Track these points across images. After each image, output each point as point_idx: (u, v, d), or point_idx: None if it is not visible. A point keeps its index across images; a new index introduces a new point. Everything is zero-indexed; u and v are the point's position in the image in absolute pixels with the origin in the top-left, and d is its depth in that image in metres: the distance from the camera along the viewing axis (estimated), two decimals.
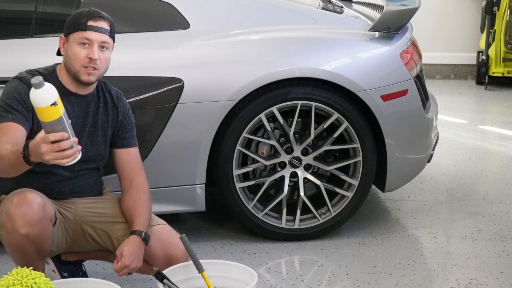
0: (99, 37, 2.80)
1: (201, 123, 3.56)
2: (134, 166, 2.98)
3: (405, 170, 3.92)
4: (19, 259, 2.77)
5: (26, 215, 2.65)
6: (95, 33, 2.79)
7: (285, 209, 3.75)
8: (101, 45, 2.81)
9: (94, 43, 2.79)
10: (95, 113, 2.92)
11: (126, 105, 3.03)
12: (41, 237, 2.70)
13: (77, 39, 2.80)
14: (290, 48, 3.70)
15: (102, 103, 2.95)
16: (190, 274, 2.70)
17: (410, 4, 3.86)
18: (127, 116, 3.01)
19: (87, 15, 2.81)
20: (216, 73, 3.59)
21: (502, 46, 7.14)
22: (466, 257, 3.65)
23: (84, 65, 2.80)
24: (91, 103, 2.91)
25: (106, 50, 2.83)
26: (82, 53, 2.79)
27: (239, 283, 2.68)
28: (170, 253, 2.84)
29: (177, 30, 3.67)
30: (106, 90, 2.98)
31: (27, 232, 2.66)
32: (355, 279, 3.43)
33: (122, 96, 3.03)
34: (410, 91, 3.78)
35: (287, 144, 3.74)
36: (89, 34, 2.79)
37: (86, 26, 2.79)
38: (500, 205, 4.31)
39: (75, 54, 2.80)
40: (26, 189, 2.75)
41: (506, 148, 5.42)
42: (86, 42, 2.79)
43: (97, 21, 2.81)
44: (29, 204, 2.66)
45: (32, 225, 2.66)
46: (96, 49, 2.79)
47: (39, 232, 2.68)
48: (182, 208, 3.70)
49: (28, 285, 2.31)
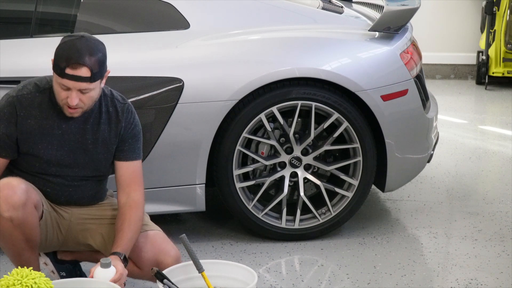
0: (77, 85, 2.66)
1: (201, 123, 3.56)
2: (132, 181, 2.89)
3: (405, 170, 3.92)
4: (9, 249, 2.77)
5: (8, 198, 2.66)
6: (72, 81, 2.65)
7: (285, 209, 3.75)
8: (82, 91, 2.69)
9: (72, 90, 2.68)
10: (95, 129, 2.85)
11: (131, 119, 2.91)
12: (26, 222, 2.70)
13: (57, 81, 2.69)
14: (290, 48, 3.70)
15: (104, 119, 2.86)
16: (190, 274, 2.70)
17: (410, 4, 3.86)
18: (130, 129, 2.90)
19: (66, 60, 2.64)
20: (216, 73, 3.59)
21: (502, 46, 7.13)
22: (466, 257, 3.65)
23: (65, 104, 2.72)
24: (89, 120, 2.83)
25: (89, 92, 2.70)
26: (62, 94, 2.70)
27: (239, 283, 2.68)
28: (161, 260, 2.82)
29: (177, 30, 3.67)
30: (111, 103, 2.87)
31: (11, 216, 2.66)
32: (355, 279, 3.43)
33: (128, 108, 2.91)
34: (410, 91, 3.78)
35: (287, 144, 3.74)
36: (66, 82, 2.66)
37: (64, 74, 2.64)
38: (500, 205, 4.31)
39: (57, 93, 2.72)
40: (12, 176, 2.76)
41: (506, 148, 5.42)
42: (64, 88, 2.68)
43: (76, 68, 2.63)
44: (12, 188, 2.68)
45: (16, 208, 2.66)
46: (74, 95, 2.67)
47: (23, 216, 2.68)
48: (182, 208, 3.70)
49: (28, 285, 2.31)
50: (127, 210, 2.84)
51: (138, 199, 2.88)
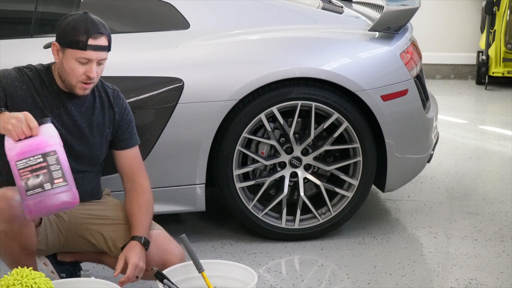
0: (98, 55, 2.74)
1: (201, 123, 3.56)
2: (134, 167, 2.97)
3: (405, 170, 3.92)
4: (5, 257, 2.77)
5: (3, 212, 2.64)
6: (94, 52, 2.72)
7: (285, 209, 3.75)
8: (99, 62, 2.76)
9: (93, 62, 2.74)
10: (90, 113, 2.89)
11: (123, 104, 2.97)
12: (22, 234, 2.68)
13: (75, 56, 2.72)
14: (290, 48, 3.70)
15: (98, 103, 2.91)
16: (190, 274, 2.70)
17: (410, 4, 3.86)
18: (125, 115, 2.97)
19: (86, 32, 2.70)
20: (216, 73, 3.59)
21: (502, 46, 7.13)
22: (466, 257, 3.65)
23: (81, 81, 2.75)
24: (84, 103, 2.88)
25: (102, 65, 2.79)
26: (80, 69, 2.73)
27: (239, 283, 2.68)
28: (166, 259, 2.83)
29: (177, 30, 3.68)
30: (103, 89, 2.94)
31: (5, 229, 2.65)
32: (355, 279, 3.43)
33: (119, 94, 2.97)
34: (410, 91, 3.78)
35: (287, 144, 3.74)
36: (89, 54, 2.71)
37: (87, 46, 2.70)
38: (500, 205, 4.31)
39: (72, 70, 2.74)
40: (9, 187, 2.72)
41: (506, 148, 5.42)
42: (85, 61, 2.73)
43: (97, 38, 2.72)
44: (6, 201, 2.65)
45: (10, 222, 2.64)
46: (94, 67, 2.74)
47: (19, 229, 2.67)
48: (182, 208, 3.70)
49: (28, 285, 2.31)
50: (135, 195, 2.90)
51: (143, 183, 2.94)
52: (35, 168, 2.52)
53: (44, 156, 2.53)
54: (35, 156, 2.52)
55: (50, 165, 2.53)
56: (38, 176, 2.52)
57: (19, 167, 2.52)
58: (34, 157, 2.52)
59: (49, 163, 2.53)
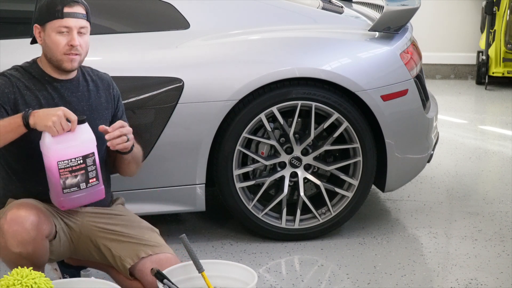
0: (77, 23, 2.75)
1: (201, 123, 3.56)
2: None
3: (405, 170, 3.92)
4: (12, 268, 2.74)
5: (17, 235, 2.61)
6: (73, 19, 2.74)
7: (285, 209, 3.75)
8: (80, 31, 2.77)
9: (73, 30, 2.74)
10: (87, 96, 2.87)
11: (117, 89, 2.99)
12: (35, 254, 2.66)
13: (55, 28, 2.75)
14: (290, 48, 3.70)
15: (92, 86, 2.90)
16: (190, 274, 2.69)
17: (410, 4, 3.86)
18: (119, 99, 2.98)
19: (61, 2, 2.74)
20: (216, 73, 3.59)
21: (502, 46, 7.14)
22: (466, 257, 3.65)
23: (65, 52, 2.76)
24: (79, 87, 2.87)
25: (84, 34, 2.79)
26: (62, 41, 2.75)
27: (239, 283, 2.68)
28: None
29: (177, 30, 3.68)
30: (94, 74, 2.94)
31: (20, 251, 2.62)
32: (355, 279, 3.43)
33: (110, 77, 2.99)
34: (410, 91, 3.78)
35: (287, 144, 3.74)
36: (67, 22, 2.73)
37: (63, 14, 2.73)
38: (500, 205, 4.31)
39: (55, 43, 2.76)
40: (23, 202, 2.69)
41: (506, 148, 5.42)
42: (65, 30, 2.74)
43: (73, 6, 2.75)
44: (21, 223, 2.61)
45: (25, 244, 2.62)
46: (75, 35, 2.75)
47: (33, 250, 2.64)
48: (182, 208, 3.70)
49: (28, 285, 2.31)
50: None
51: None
52: (75, 169, 2.65)
53: (84, 158, 2.66)
54: (77, 158, 2.65)
55: (88, 166, 2.67)
56: (76, 176, 2.66)
57: (60, 167, 2.63)
58: (75, 159, 2.65)
59: (87, 164, 2.67)
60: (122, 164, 2.93)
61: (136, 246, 2.81)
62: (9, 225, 2.62)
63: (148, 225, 2.92)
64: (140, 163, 2.98)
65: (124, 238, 2.84)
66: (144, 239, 2.83)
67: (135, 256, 2.78)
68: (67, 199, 2.67)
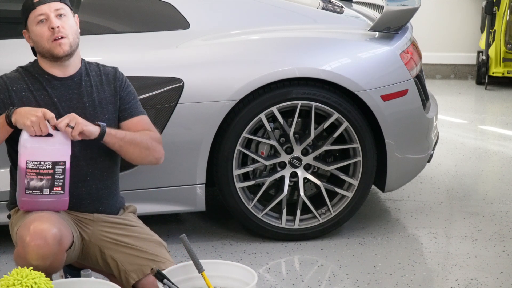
0: (50, 7, 2.76)
1: (201, 123, 3.56)
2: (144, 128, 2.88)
3: (405, 170, 3.92)
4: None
5: (40, 250, 2.58)
6: (44, 5, 2.76)
7: (285, 209, 3.75)
8: (57, 14, 2.77)
9: (49, 14, 2.75)
10: (89, 92, 2.85)
11: (123, 78, 2.94)
12: (52, 267, 2.64)
13: (33, 20, 2.77)
14: (290, 48, 3.70)
15: (96, 81, 2.88)
16: (190, 274, 2.69)
17: (410, 4, 3.86)
18: (125, 87, 2.93)
19: None
20: (216, 73, 3.59)
21: (502, 46, 7.13)
22: (466, 257, 3.65)
23: (50, 39, 2.76)
24: (81, 84, 2.85)
25: (64, 16, 2.79)
26: (44, 29, 2.76)
27: (239, 283, 2.68)
28: None
29: (177, 30, 3.68)
30: (98, 69, 2.92)
31: (38, 264, 2.59)
32: (355, 279, 3.43)
33: (118, 70, 2.95)
34: (410, 91, 3.78)
35: (287, 144, 3.74)
36: (40, 9, 2.75)
37: (34, 4, 2.76)
38: (500, 205, 4.31)
39: (39, 34, 2.77)
40: (44, 215, 2.66)
41: (506, 148, 5.42)
42: (42, 17, 2.76)
43: None
44: (45, 238, 2.58)
45: (44, 259, 2.60)
46: (53, 18, 2.75)
47: (51, 264, 2.62)
48: (182, 208, 3.70)
49: (28, 285, 2.31)
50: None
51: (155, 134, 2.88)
52: (42, 172, 2.64)
53: (54, 164, 2.64)
54: (46, 162, 2.63)
55: (56, 173, 2.65)
56: (42, 180, 2.64)
57: (28, 166, 2.62)
58: (45, 163, 2.63)
59: (55, 171, 2.65)
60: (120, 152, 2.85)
61: (143, 261, 2.79)
62: (31, 238, 2.58)
63: (157, 238, 2.89)
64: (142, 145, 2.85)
65: (133, 251, 2.81)
66: (152, 253, 2.81)
67: (140, 271, 2.78)
68: (27, 200, 2.66)
